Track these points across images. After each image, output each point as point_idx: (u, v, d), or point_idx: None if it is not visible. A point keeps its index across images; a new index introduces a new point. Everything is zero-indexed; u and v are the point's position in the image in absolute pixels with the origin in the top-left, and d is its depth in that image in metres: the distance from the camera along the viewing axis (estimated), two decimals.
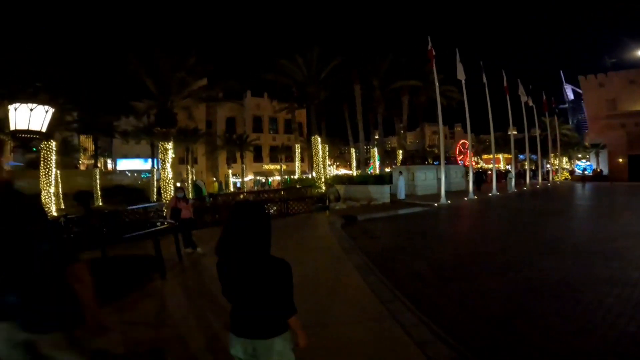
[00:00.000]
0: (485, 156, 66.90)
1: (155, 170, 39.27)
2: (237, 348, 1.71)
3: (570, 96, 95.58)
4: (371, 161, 33.20)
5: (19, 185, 1.72)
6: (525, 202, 18.77)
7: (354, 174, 31.42)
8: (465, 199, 18.64)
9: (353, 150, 33.65)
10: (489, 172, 31.71)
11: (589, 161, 42.64)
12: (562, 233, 9.14)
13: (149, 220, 9.30)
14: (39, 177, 35.58)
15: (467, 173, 26.93)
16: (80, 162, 53.52)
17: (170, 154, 16.28)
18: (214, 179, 49.60)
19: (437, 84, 18.50)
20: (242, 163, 43.75)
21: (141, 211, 11.57)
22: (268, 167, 51.73)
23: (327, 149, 28.57)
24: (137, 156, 54.49)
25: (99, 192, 36.54)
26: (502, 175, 42.84)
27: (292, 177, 32.62)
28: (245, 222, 1.68)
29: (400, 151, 35.07)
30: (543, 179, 30.82)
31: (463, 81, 20.96)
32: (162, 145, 16.17)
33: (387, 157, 31.46)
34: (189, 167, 41.15)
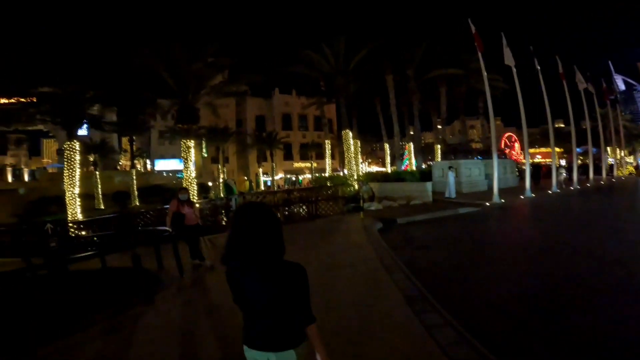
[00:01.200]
0: (531, 150, 61.70)
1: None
2: None
3: (622, 87, 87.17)
4: (406, 156, 31.06)
5: None
6: (595, 201, 16.13)
7: (388, 170, 29.45)
8: (522, 197, 16.29)
9: (387, 146, 31.62)
10: (543, 167, 28.48)
11: None
12: None
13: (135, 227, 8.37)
14: (87, 178, 37.06)
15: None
16: (120, 163, 55.80)
17: (193, 152, 15.43)
18: (245, 178, 49.49)
19: (484, 71, 16.20)
20: (272, 161, 43.07)
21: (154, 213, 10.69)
22: (298, 165, 50.84)
23: (358, 144, 26.87)
24: (173, 156, 55.58)
25: (136, 193, 37.43)
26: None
27: (322, 174, 31.25)
28: (251, 225, 1.54)
29: (439, 146, 32.60)
30: (607, 173, 27.10)
31: (513, 67, 18.42)
32: (184, 143, 15.37)
33: (422, 152, 29.14)
34: (219, 166, 41.01)
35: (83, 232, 10.96)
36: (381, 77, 24.14)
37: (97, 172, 36.79)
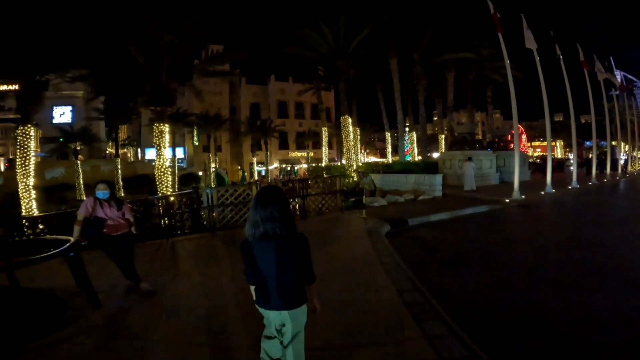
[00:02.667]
0: (535, 143, 60.16)
1: (174, 158, 37.50)
2: (271, 322, 1.96)
3: (619, 81, 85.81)
4: (407, 147, 29.09)
5: None
6: (627, 197, 14.33)
7: (389, 161, 27.54)
8: (542, 192, 14.50)
9: (388, 135, 29.64)
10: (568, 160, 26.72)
11: None
12: None
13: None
14: (69, 167, 34.79)
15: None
16: (108, 151, 53.52)
17: (167, 138, 13.40)
18: (239, 167, 47.48)
19: (505, 54, 14.15)
20: (267, 150, 41.03)
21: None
22: (294, 154, 48.81)
23: (358, 132, 24.92)
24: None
25: (121, 182, 35.41)
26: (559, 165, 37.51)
27: (319, 164, 29.31)
28: (272, 204, 1.87)
29: (443, 136, 30.68)
30: (622, 169, 25.49)
31: (535, 51, 16.39)
32: (156, 127, 13.31)
33: (426, 143, 27.19)
34: (210, 155, 38.91)
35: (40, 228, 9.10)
36: (384, 61, 22.06)
37: (78, 161, 34.70)
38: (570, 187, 16.81)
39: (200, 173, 40.76)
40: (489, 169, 20.45)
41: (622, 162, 27.64)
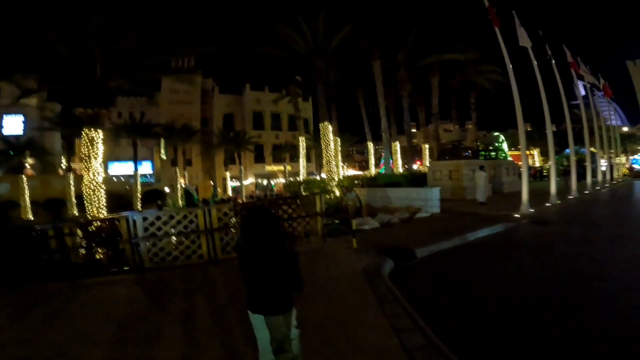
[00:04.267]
0: (510, 153, 60.16)
1: (137, 173, 34.04)
2: (255, 324, 2.19)
3: (582, 92, 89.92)
4: (383, 161, 27.06)
5: None
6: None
7: (372, 174, 25.51)
8: (548, 204, 12.76)
9: (371, 145, 27.70)
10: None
11: None
12: None
13: None
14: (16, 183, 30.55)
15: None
16: (64, 165, 48.82)
17: (101, 147, 10.63)
18: (211, 183, 44.22)
19: (504, 49, 12.47)
20: (240, 164, 38.18)
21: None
22: (271, 168, 46.14)
23: (339, 142, 22.79)
24: (131, 159, 49.13)
25: (74, 200, 31.47)
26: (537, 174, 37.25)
27: (296, 179, 26.88)
28: (257, 223, 2.15)
29: (426, 145, 29.14)
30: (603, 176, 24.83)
31: (529, 49, 15.01)
32: (86, 133, 10.51)
33: (410, 152, 25.47)
34: (177, 169, 35.63)
35: None
36: (366, 64, 20.26)
37: (24, 176, 30.68)
38: (571, 197, 15.31)
39: (167, 189, 37.27)
40: (481, 179, 18.83)
41: (603, 168, 27.10)
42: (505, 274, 5.49)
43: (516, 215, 10.78)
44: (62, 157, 46.28)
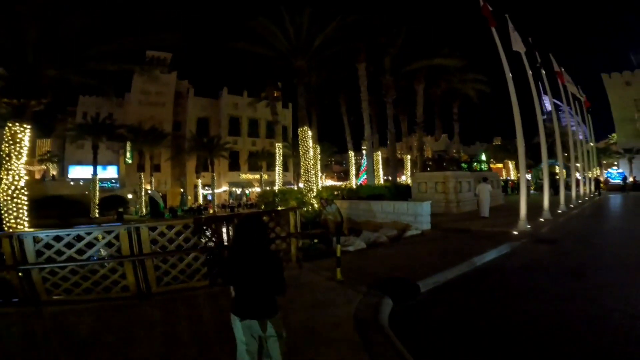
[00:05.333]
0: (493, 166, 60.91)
1: (95, 177, 31.10)
2: (242, 331, 2.22)
3: (548, 107, 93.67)
4: (364, 170, 25.82)
5: None
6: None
7: (353, 185, 24.15)
8: (541, 219, 11.77)
9: (352, 154, 26.39)
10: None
11: (619, 168, 36.79)
12: None
13: None
14: None
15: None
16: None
17: (26, 145, 8.56)
18: (182, 190, 41.45)
19: (501, 50, 11.47)
20: (212, 171, 35.87)
21: None
22: (246, 176, 43.96)
23: (318, 150, 21.32)
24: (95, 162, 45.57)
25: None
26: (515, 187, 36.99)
27: (272, 187, 25.06)
28: (251, 231, 2.32)
29: (408, 156, 28.25)
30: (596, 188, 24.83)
31: (523, 54, 14.22)
32: (8, 127, 8.42)
33: (394, 164, 24.36)
34: (142, 175, 32.89)
35: None
36: (349, 68, 19.06)
37: None
38: (560, 211, 14.51)
39: (130, 196, 34.33)
40: (468, 192, 17.84)
41: (582, 182, 27.19)
42: (543, 314, 4.05)
43: (515, 233, 9.63)
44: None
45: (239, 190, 43.27)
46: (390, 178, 24.72)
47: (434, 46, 19.56)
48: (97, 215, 30.24)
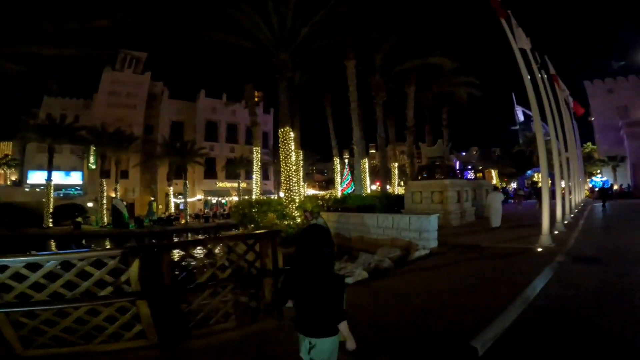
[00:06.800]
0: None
1: (49, 183, 27.82)
2: (301, 345, 2.09)
3: (521, 118, 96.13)
4: (346, 176, 23.95)
5: None
6: None
7: (338, 194, 22.24)
8: (556, 232, 10.32)
9: (337, 161, 24.58)
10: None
11: (603, 176, 36.81)
12: None
13: None
14: None
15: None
16: None
17: None
18: (152, 199, 38.25)
19: (515, 47, 10.10)
20: (185, 178, 33.16)
21: None
22: (223, 184, 41.34)
23: (301, 156, 19.39)
24: (58, 168, 41.67)
25: None
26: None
27: (249, 197, 22.80)
28: (313, 244, 2.07)
29: (396, 164, 26.79)
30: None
31: (528, 50, 12.96)
32: None
33: (384, 171, 22.76)
34: (104, 181, 29.77)
35: None
36: (338, 64, 17.37)
37: None
38: (566, 222, 13.18)
39: (90, 204, 31.02)
40: (466, 202, 16.36)
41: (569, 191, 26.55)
42: None
43: (539, 249, 8.04)
44: None
45: (214, 200, 40.51)
46: (377, 187, 23.06)
47: (427, 46, 18.29)
48: (50, 225, 26.89)
